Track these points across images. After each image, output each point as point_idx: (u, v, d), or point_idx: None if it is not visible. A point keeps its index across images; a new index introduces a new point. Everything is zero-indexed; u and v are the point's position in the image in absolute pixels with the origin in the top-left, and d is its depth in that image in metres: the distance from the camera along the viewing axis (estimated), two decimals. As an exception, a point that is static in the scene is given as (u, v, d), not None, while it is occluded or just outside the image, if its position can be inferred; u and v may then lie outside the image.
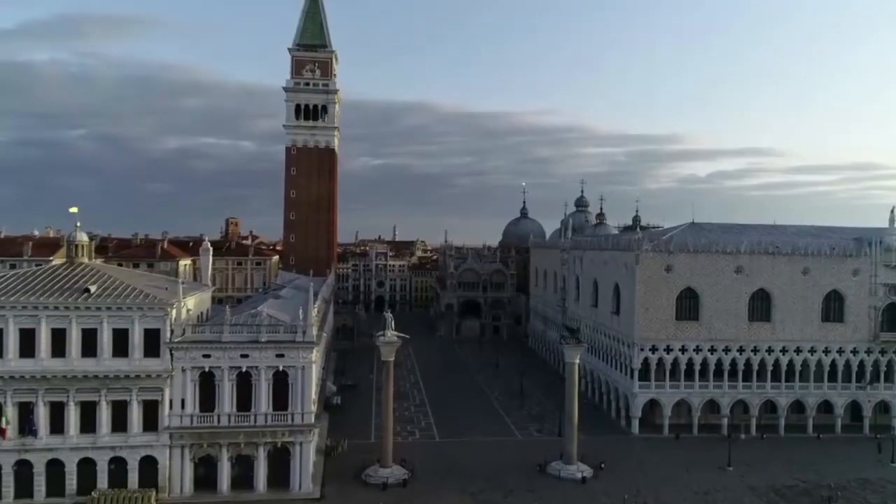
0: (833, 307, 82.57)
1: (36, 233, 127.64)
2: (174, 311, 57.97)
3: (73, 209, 64.85)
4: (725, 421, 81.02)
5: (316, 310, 66.35)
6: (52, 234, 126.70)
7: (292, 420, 59.81)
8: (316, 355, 62.71)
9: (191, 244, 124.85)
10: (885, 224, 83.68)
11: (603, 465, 67.73)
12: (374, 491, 61.25)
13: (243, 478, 60.16)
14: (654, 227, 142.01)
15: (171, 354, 57.61)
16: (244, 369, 58.93)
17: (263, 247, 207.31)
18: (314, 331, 60.81)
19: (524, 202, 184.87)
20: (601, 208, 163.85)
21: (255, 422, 59.24)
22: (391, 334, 64.88)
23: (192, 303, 66.65)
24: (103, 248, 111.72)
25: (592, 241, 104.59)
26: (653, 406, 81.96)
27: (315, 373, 63.45)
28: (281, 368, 59.55)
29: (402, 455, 69.78)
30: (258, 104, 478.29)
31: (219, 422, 58.72)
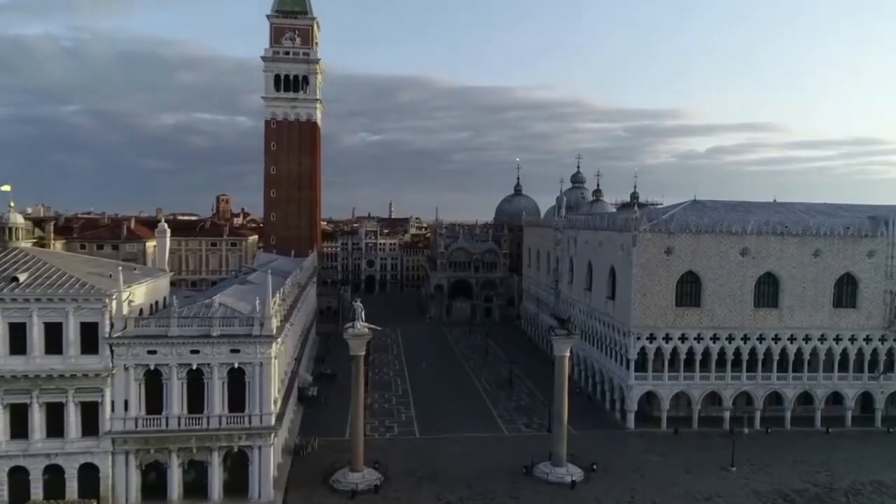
0: (846, 292, 76.41)
1: (29, 210, 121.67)
2: (114, 303, 51.53)
3: (5, 188, 58.14)
4: (728, 414, 75.39)
5: (278, 297, 59.91)
6: (42, 213, 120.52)
7: (250, 422, 53.81)
8: (277, 350, 56.51)
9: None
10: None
11: (595, 467, 62.12)
12: (341, 498, 55.58)
13: (198, 485, 54.48)
14: (652, 205, 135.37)
15: (112, 351, 51.39)
16: (195, 367, 52.79)
17: (254, 224, 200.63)
18: (274, 322, 54.49)
19: (518, 178, 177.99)
20: (598, 184, 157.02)
21: (208, 424, 53.23)
22: (361, 326, 58.63)
23: (142, 291, 60.23)
24: (68, 228, 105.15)
25: (587, 220, 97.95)
26: (650, 397, 76.28)
27: (275, 370, 57.30)
28: (236, 365, 53.41)
29: (376, 455, 64.21)
30: (255, 79, 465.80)
31: (167, 425, 52.72)
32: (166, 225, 69.45)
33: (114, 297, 51.48)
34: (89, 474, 52.04)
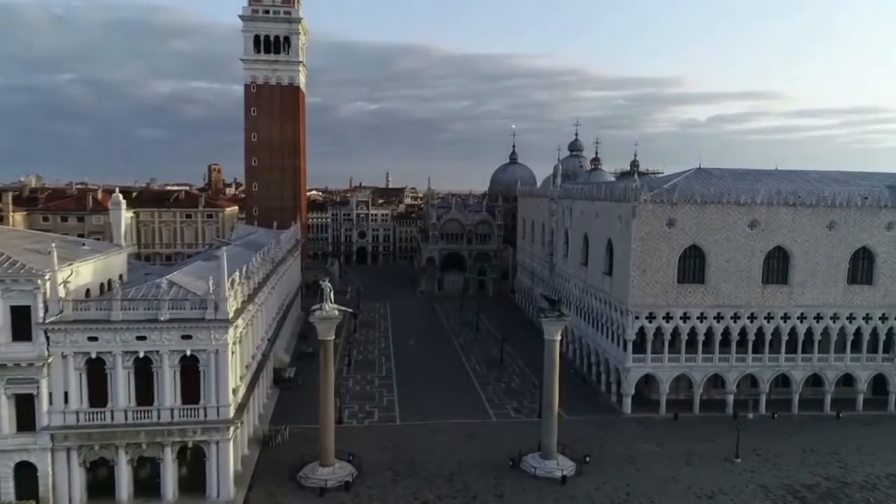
0: (861, 267, 70.73)
1: (22, 179, 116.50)
2: (48, 284, 45.76)
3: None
4: (731, 398, 70.44)
5: (238, 276, 54.04)
6: (34, 183, 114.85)
7: (205, 415, 48.57)
8: (236, 335, 51.00)
9: (134, 194, 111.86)
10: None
11: (588, 459, 57.19)
12: (309, 496, 50.66)
13: (152, 483, 49.54)
14: (653, 174, 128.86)
15: (48, 338, 45.84)
16: (142, 354, 47.36)
17: (244, 196, 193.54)
18: (230, 305, 48.82)
19: (514, 146, 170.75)
20: (596, 152, 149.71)
21: (159, 418, 48.01)
22: (330, 308, 52.99)
23: (90, 270, 54.34)
24: (33, 199, 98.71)
25: (583, 189, 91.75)
26: (648, 379, 71.24)
27: (237, 357, 51.96)
28: (189, 353, 47.92)
29: (352, 445, 59.42)
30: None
31: (112, 418, 47.48)
32: (121, 196, 63.17)
33: (47, 277, 45.71)
34: (27, 473, 46.97)
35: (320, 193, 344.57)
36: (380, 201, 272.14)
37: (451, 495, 50.69)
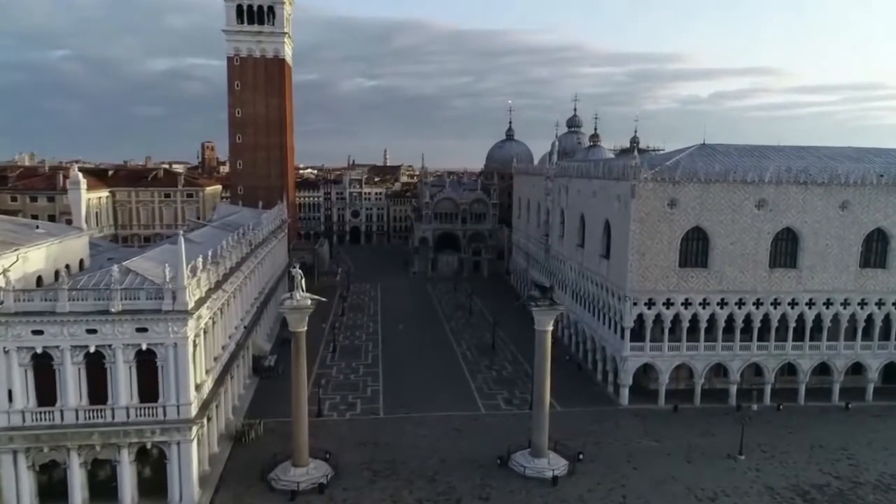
0: (875, 249, 66.42)
1: (15, 157, 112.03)
2: (-15, 273, 41.48)
3: None
4: (734, 388, 66.67)
5: (200, 263, 49.62)
6: (27, 161, 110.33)
7: (164, 414, 44.62)
8: (197, 326, 46.85)
9: (110, 172, 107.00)
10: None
11: (581, 456, 53.46)
12: (279, 500, 46.94)
13: (111, 485, 45.82)
14: (654, 151, 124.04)
15: (-13, 331, 41.67)
16: (93, 349, 43.25)
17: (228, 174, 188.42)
18: (190, 294, 44.55)
19: (510, 122, 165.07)
20: (595, 129, 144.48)
21: (114, 417, 44.03)
22: (301, 297, 48.69)
23: (41, 256, 50.01)
24: (2, 178, 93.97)
25: (580, 167, 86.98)
26: (647, 367, 67.39)
27: (200, 350, 47.84)
28: (145, 347, 43.83)
29: (331, 440, 55.89)
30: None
31: (62, 419, 43.51)
32: (81, 175, 58.68)
33: (-16, 265, 41.41)
34: (-30, 478, 43.24)
35: (316, 172, 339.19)
36: (376, 179, 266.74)
37: (433, 499, 46.95)
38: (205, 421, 49.15)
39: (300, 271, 50.20)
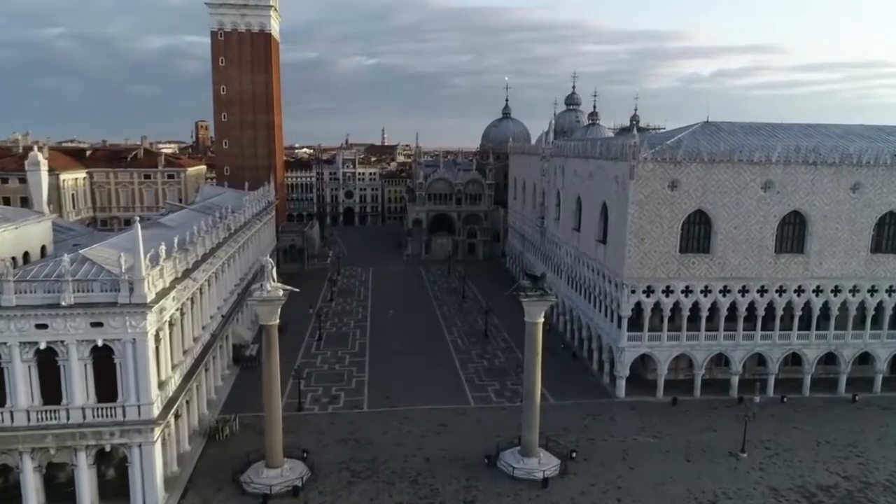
0: (888, 234, 62.81)
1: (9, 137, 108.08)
2: (-79, 264, 37.93)
3: None
4: (736, 379, 63.57)
5: (163, 250, 45.95)
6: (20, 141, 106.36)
7: (124, 415, 41.39)
8: (159, 319, 43.41)
9: (88, 153, 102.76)
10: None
11: (574, 454, 50.42)
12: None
13: (71, 490, 42.85)
14: (655, 129, 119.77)
15: (-74, 327, 38.28)
16: (44, 346, 39.86)
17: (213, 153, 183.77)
18: (149, 286, 41.03)
19: (507, 100, 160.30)
20: (594, 106, 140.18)
21: (69, 419, 40.84)
22: (272, 287, 45.14)
23: (-5, 242, 46.36)
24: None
25: (577, 146, 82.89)
26: (645, 357, 64.22)
27: (164, 344, 44.45)
28: (101, 343, 40.45)
29: (310, 437, 53.08)
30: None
31: (13, 420, 40.31)
32: (41, 155, 54.84)
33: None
34: (-86, 483, 40.24)
35: (312, 151, 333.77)
36: (372, 159, 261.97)
37: (414, 502, 43.91)
38: (171, 420, 46.04)
39: (271, 260, 46.56)
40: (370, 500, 44.07)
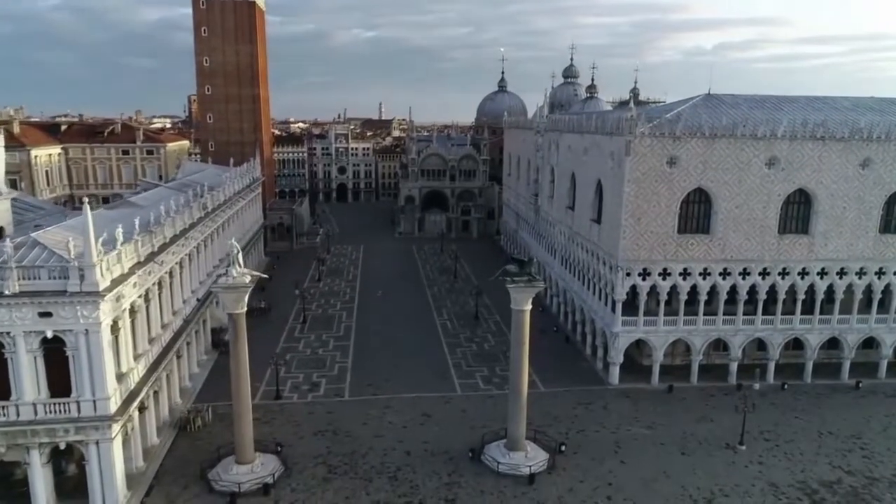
0: (897, 213, 59.61)
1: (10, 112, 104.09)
2: None
3: None
4: (735, 365, 60.89)
5: (121, 234, 42.61)
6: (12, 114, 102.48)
7: (78, 410, 38.58)
8: (117, 308, 40.36)
9: (63, 128, 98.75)
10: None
11: (563, 447, 47.84)
12: (218, 502, 41.38)
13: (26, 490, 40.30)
14: (654, 103, 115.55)
15: None
16: (-12, 337, 36.90)
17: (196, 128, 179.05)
18: (101, 273, 37.87)
19: (502, 72, 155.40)
20: (592, 79, 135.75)
21: (18, 415, 38.04)
22: (239, 273, 41.99)
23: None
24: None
25: (572, 120, 79.11)
26: (640, 341, 61.43)
27: (124, 334, 41.44)
28: (50, 335, 37.44)
29: (287, 428, 50.62)
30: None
31: (-42, 417, 37.56)
32: (-4, 130, 51.31)
33: None
34: None
35: (306, 125, 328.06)
36: (368, 133, 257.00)
37: (392, 501, 41.35)
38: (134, 414, 43.29)
39: (237, 244, 43.31)
40: (345, 500, 41.54)
